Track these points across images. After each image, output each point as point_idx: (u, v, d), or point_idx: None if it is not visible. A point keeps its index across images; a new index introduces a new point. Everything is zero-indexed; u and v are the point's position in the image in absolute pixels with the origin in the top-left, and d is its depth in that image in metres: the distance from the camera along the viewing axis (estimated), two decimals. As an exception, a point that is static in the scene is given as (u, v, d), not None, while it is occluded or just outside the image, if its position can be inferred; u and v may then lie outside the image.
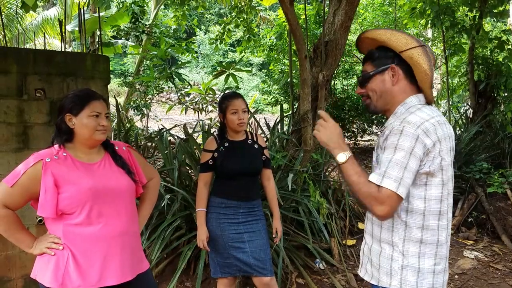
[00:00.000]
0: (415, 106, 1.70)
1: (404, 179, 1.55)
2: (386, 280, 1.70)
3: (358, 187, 1.61)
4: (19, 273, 3.15)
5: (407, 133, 1.57)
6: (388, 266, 1.69)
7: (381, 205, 1.55)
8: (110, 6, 9.32)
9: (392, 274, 1.68)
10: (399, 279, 1.67)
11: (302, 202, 4.13)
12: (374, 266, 1.75)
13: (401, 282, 1.67)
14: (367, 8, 11.32)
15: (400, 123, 1.61)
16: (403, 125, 1.59)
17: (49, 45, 13.68)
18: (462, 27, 6.89)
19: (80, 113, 1.89)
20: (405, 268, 1.67)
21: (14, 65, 3.10)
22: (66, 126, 1.91)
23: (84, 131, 1.90)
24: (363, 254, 1.86)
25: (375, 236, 1.75)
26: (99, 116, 1.92)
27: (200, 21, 25.06)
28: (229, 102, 2.74)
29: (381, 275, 1.71)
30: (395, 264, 1.68)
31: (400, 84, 1.73)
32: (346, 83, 9.83)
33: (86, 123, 1.89)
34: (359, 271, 1.89)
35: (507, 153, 6.39)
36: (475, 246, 4.92)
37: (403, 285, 1.67)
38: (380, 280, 1.72)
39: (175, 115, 15.68)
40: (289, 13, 4.17)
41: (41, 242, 1.89)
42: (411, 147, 1.56)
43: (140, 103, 9.75)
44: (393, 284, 1.68)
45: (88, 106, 1.90)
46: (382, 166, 1.58)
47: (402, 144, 1.57)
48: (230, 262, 2.72)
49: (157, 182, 2.32)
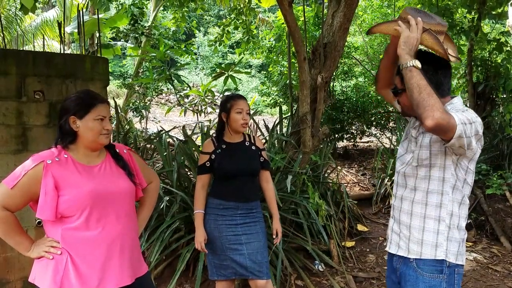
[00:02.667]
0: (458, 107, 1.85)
1: (466, 130, 1.70)
2: (430, 252, 1.86)
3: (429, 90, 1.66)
4: (17, 275, 3.15)
5: (470, 111, 1.78)
6: (434, 239, 1.86)
7: (442, 114, 1.61)
8: (109, 8, 9.33)
9: (438, 246, 1.85)
10: (444, 250, 1.85)
11: (301, 204, 4.13)
12: (415, 241, 1.90)
13: (447, 252, 1.85)
14: (366, 10, 11.32)
15: (460, 111, 1.76)
16: (465, 109, 1.80)
17: (48, 47, 13.67)
18: (461, 29, 6.89)
19: (85, 116, 1.88)
20: (450, 240, 1.86)
21: (14, 66, 3.10)
22: (70, 128, 1.89)
23: (88, 134, 1.89)
24: (393, 232, 2.02)
25: (417, 213, 1.91)
26: (104, 120, 1.91)
27: (199, 23, 25.07)
28: (234, 102, 2.75)
29: (425, 248, 1.87)
30: (441, 237, 1.85)
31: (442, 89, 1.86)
32: (345, 85, 9.82)
33: (92, 126, 1.88)
34: (387, 248, 2.05)
35: (506, 155, 6.39)
36: (474, 247, 4.92)
37: (448, 254, 1.85)
38: (423, 253, 1.87)
39: (174, 117, 15.68)
40: (288, 15, 4.17)
41: (39, 245, 1.87)
42: (473, 118, 1.74)
43: (139, 104, 9.75)
44: (438, 255, 1.85)
45: (94, 109, 1.89)
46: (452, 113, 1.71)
47: (468, 116, 1.74)
48: (226, 264, 2.72)
49: (156, 186, 2.31)
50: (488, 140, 6.74)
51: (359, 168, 8.29)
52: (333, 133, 8.61)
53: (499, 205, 5.39)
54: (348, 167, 8.30)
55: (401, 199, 1.98)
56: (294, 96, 5.70)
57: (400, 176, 2.01)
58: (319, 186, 4.71)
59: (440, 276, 1.84)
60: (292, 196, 4.14)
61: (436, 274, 1.84)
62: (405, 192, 1.96)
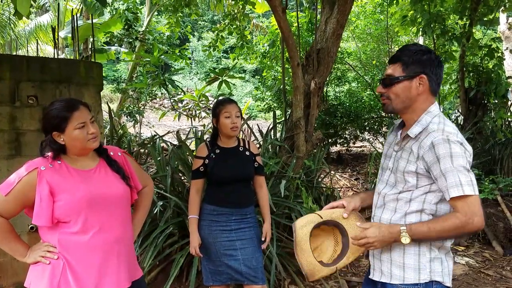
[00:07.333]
0: (438, 115, 1.78)
1: (473, 180, 1.66)
2: (414, 276, 1.76)
3: (445, 233, 1.68)
4: (10, 281, 3.13)
5: (453, 140, 1.67)
6: (416, 262, 1.76)
7: (476, 216, 1.62)
8: (104, 12, 9.35)
9: (421, 268, 1.75)
10: (428, 272, 1.75)
11: (295, 209, 4.14)
12: (396, 266, 1.80)
13: (431, 274, 1.75)
14: (359, 16, 11.40)
15: (442, 133, 1.69)
16: (446, 134, 1.68)
17: (42, 52, 13.64)
18: (453, 35, 6.97)
19: (66, 128, 1.85)
20: (433, 260, 1.75)
21: (8, 71, 3.10)
22: (56, 143, 1.87)
23: (76, 143, 1.88)
24: (374, 258, 1.90)
25: None
26: (85, 124, 1.88)
27: (194, 28, 25.10)
28: (222, 107, 2.76)
29: (407, 272, 1.77)
30: (423, 259, 1.75)
31: (424, 94, 1.79)
32: (338, 90, 9.88)
33: (76, 136, 1.86)
34: (371, 276, 1.92)
35: (498, 160, 6.44)
36: (466, 252, 4.95)
37: (432, 276, 1.75)
38: (406, 277, 1.77)
39: (168, 122, 15.66)
40: (282, 21, 4.21)
41: (35, 250, 1.86)
42: (463, 151, 1.67)
43: (133, 109, 9.73)
44: (422, 278, 1.75)
45: (72, 118, 1.85)
46: (451, 176, 1.65)
47: (455, 151, 1.66)
48: (221, 270, 2.72)
49: (151, 190, 2.31)
50: (480, 145, 6.79)
51: (353, 173, 8.33)
52: (327, 138, 8.65)
53: (491, 210, 5.43)
54: (341, 172, 8.33)
55: (379, 221, 1.89)
56: (288, 101, 5.72)
57: (380, 198, 1.92)
58: (313, 190, 4.72)
59: None
60: (286, 200, 4.15)
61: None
62: (383, 214, 1.88)
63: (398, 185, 1.82)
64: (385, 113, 2.61)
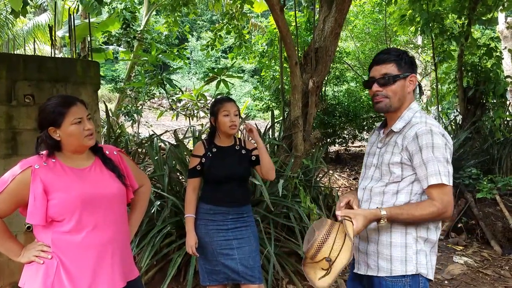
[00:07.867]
0: (419, 111, 1.89)
1: (450, 172, 1.77)
2: (401, 268, 1.81)
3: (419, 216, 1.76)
4: (7, 281, 3.12)
5: (436, 132, 1.77)
6: (403, 254, 1.81)
7: (450, 206, 1.76)
8: (101, 12, 9.32)
9: (408, 260, 1.81)
10: (414, 264, 1.80)
11: (293, 208, 4.13)
12: (383, 258, 1.85)
13: (417, 266, 1.80)
14: (357, 15, 11.40)
15: (425, 125, 1.78)
16: (429, 125, 1.78)
17: (40, 51, 13.60)
18: (451, 34, 6.97)
19: (63, 123, 1.84)
20: (419, 253, 1.81)
21: (4, 71, 3.08)
22: (52, 139, 1.86)
23: (71, 140, 1.86)
24: (359, 252, 1.95)
25: (384, 228, 1.85)
26: (82, 120, 1.87)
27: (192, 28, 25.08)
28: (221, 105, 2.75)
29: (395, 264, 1.82)
30: (410, 251, 1.81)
31: (411, 92, 1.91)
32: (336, 90, 9.88)
33: (72, 131, 1.84)
34: (356, 270, 1.96)
35: (496, 159, 6.45)
36: (465, 251, 4.95)
37: (418, 268, 1.80)
38: (393, 269, 1.82)
39: (166, 121, 15.65)
40: (280, 20, 4.19)
41: (29, 250, 1.85)
42: (444, 142, 1.76)
43: (131, 109, 9.71)
44: (409, 270, 1.80)
45: (68, 113, 1.84)
46: (431, 165, 1.74)
47: (437, 142, 1.75)
48: (218, 269, 2.71)
49: (148, 189, 2.29)
50: (478, 144, 6.79)
51: (351, 172, 8.32)
52: (325, 137, 8.65)
53: (489, 209, 5.43)
54: (340, 171, 8.33)
55: None
56: (286, 100, 5.71)
57: (366, 192, 1.96)
58: (311, 190, 4.71)
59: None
60: (284, 200, 4.13)
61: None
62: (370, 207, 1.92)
63: (384, 178, 1.89)
64: (378, 112, 2.66)
